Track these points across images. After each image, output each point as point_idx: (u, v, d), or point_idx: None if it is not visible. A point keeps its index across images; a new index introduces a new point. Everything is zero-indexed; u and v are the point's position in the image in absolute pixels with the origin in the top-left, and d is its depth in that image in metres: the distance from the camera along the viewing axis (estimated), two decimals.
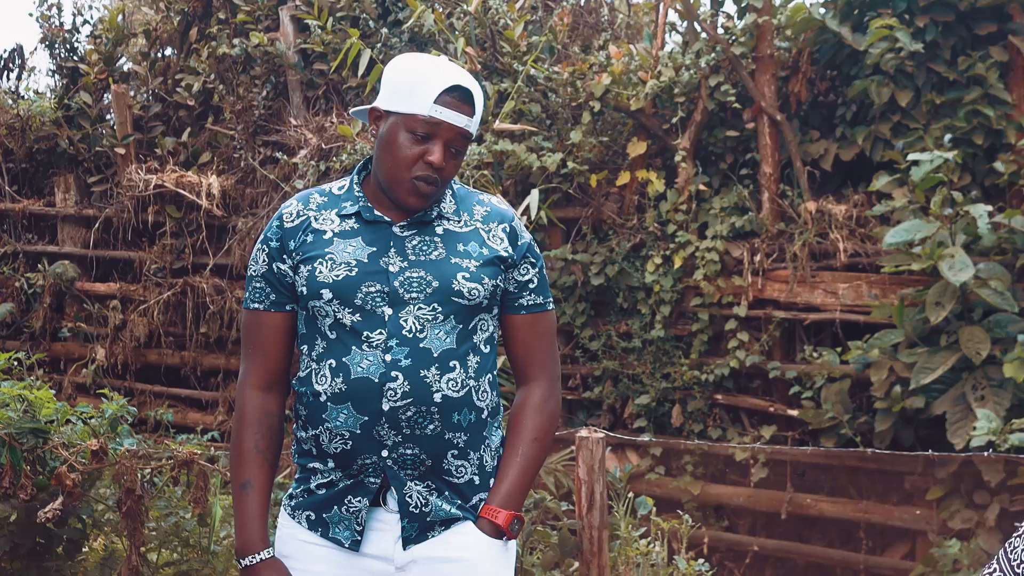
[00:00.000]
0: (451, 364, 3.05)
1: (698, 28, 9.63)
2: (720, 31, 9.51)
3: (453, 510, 3.11)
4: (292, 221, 3.16)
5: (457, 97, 3.04)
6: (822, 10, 9.09)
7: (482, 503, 3.15)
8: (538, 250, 3.25)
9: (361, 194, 3.17)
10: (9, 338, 11.54)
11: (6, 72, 11.71)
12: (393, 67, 3.13)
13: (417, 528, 3.09)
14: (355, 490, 3.09)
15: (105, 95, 11.98)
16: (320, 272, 3.05)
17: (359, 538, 3.10)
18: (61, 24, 12.29)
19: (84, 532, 6.06)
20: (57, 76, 12.39)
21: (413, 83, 3.04)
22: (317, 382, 3.08)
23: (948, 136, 8.22)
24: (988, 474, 7.45)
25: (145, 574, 5.98)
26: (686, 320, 9.28)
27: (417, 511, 3.08)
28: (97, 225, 11.52)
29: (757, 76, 9.13)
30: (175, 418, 10.10)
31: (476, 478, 3.15)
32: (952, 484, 7.76)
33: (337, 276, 3.04)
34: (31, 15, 12.50)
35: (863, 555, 8.31)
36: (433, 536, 3.10)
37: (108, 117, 11.91)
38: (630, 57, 9.70)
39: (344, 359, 3.04)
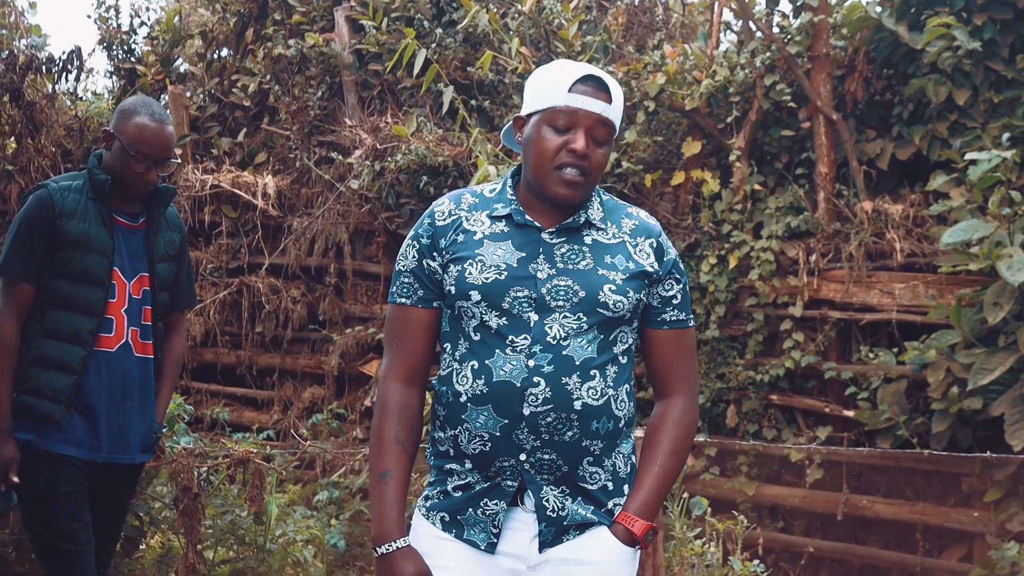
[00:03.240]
0: (591, 373, 3.06)
1: (753, 27, 9.60)
2: (775, 30, 9.48)
3: (588, 515, 3.12)
4: (444, 219, 3.19)
5: (592, 86, 3.07)
6: (878, 8, 9.04)
7: (617, 507, 3.17)
8: (682, 267, 3.25)
9: (514, 197, 3.19)
10: None
11: (64, 73, 11.78)
12: (531, 76, 3.20)
13: (553, 532, 3.11)
14: (491, 493, 3.11)
15: (162, 96, 12.07)
16: (470, 273, 3.08)
17: (495, 540, 3.11)
18: (118, 26, 12.39)
19: (141, 530, 6.11)
20: (115, 77, 12.50)
21: (548, 80, 3.11)
22: (458, 382, 3.10)
23: (1006, 135, 8.15)
24: None
25: (201, 572, 6.03)
26: (741, 320, 9.24)
27: (554, 515, 3.10)
28: None
29: (813, 75, 9.09)
30: (231, 417, 10.15)
31: (610, 484, 3.16)
32: (1010, 486, 7.70)
33: (487, 279, 3.06)
34: (89, 17, 12.61)
35: (920, 557, 8.25)
36: (568, 539, 3.12)
37: None
38: (685, 56, 9.67)
39: (487, 361, 3.06)
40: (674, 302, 3.22)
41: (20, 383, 4.52)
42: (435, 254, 3.16)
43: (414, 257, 3.20)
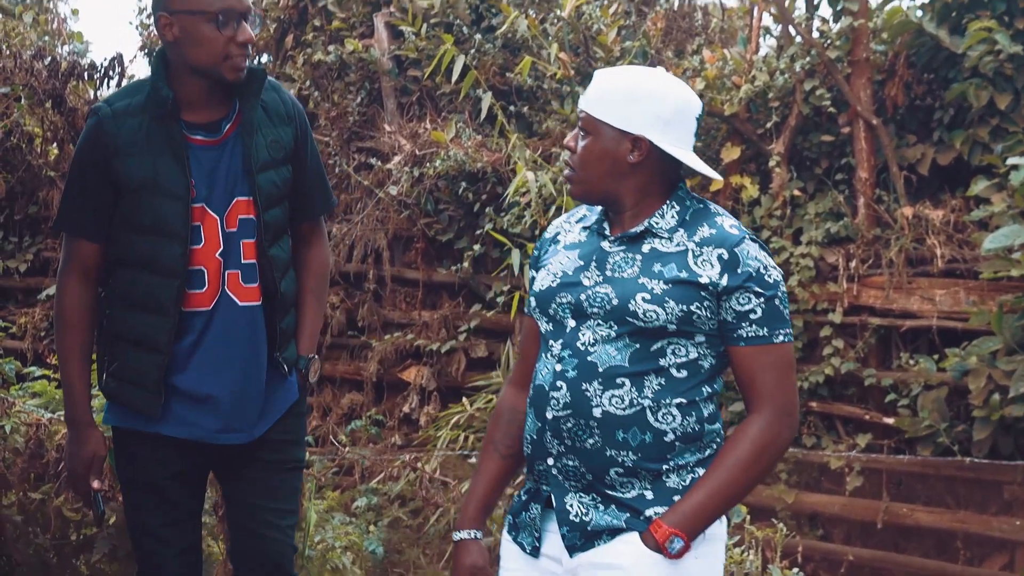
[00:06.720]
0: (619, 382, 3.01)
1: (793, 32, 9.57)
2: (815, 35, 9.45)
3: (616, 522, 3.06)
4: (551, 232, 3.31)
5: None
6: (919, 12, 8.99)
7: (657, 516, 3.05)
8: (772, 280, 3.05)
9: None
10: None
11: (106, 80, 11.87)
12: None
13: (579, 537, 3.08)
14: (536, 497, 3.16)
15: None
16: (536, 282, 3.20)
17: (537, 544, 3.16)
18: None
19: None
20: None
21: None
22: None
23: None
24: None
25: None
26: None
27: (577, 520, 3.08)
28: None
29: (853, 80, 9.04)
30: None
31: (649, 493, 3.05)
32: None
33: (542, 286, 3.15)
34: (130, 24, 12.68)
35: (961, 566, 8.19)
36: (599, 544, 3.08)
37: None
38: (724, 61, 9.65)
39: (537, 365, 3.17)
40: (751, 317, 3.02)
41: (108, 363, 3.73)
42: (537, 265, 3.27)
43: (530, 269, 3.36)
